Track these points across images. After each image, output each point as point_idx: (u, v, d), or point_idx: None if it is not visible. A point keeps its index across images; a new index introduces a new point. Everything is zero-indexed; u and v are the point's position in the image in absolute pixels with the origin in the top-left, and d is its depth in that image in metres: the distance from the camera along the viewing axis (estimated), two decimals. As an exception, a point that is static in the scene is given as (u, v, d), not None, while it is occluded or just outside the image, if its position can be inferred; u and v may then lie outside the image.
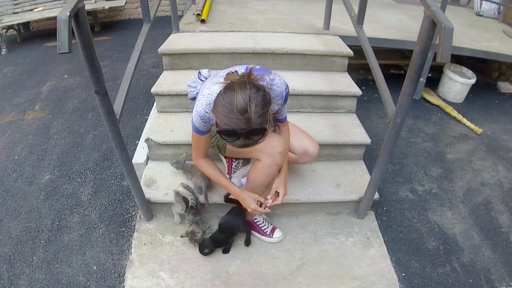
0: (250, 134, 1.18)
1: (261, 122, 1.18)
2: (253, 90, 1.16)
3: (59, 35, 0.99)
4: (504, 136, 2.98)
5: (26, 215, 2.08)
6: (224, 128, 1.19)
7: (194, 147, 1.60)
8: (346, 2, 2.43)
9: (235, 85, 1.18)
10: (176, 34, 2.71)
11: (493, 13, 4.31)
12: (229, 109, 1.15)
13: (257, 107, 1.15)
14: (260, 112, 1.16)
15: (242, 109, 1.13)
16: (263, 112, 1.17)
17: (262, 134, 1.22)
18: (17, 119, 3.01)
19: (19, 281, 1.72)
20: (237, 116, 1.14)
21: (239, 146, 1.24)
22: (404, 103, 1.44)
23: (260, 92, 1.18)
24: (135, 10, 5.68)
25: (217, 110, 1.20)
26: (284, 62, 2.49)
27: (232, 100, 1.14)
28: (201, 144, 1.57)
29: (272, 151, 1.55)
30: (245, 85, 1.17)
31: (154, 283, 1.65)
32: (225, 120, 1.17)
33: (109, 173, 2.37)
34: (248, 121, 1.15)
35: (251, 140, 1.21)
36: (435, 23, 1.17)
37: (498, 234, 2.08)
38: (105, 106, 1.36)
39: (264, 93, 1.19)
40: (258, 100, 1.16)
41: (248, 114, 1.14)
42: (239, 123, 1.15)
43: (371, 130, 2.54)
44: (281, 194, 1.59)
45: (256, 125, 1.17)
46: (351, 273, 1.74)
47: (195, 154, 1.61)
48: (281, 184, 1.61)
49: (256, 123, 1.16)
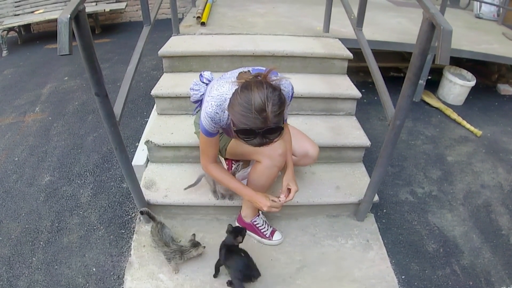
0: (267, 133, 1.19)
1: (278, 121, 1.19)
2: (270, 90, 1.17)
3: (60, 37, 0.99)
4: (504, 138, 2.99)
5: (25, 217, 2.08)
6: (242, 128, 1.19)
7: (202, 151, 1.58)
8: (346, 5, 2.44)
9: (252, 84, 1.19)
10: (176, 37, 2.72)
11: (493, 15, 4.33)
12: (247, 108, 1.15)
13: (274, 107, 1.16)
14: (277, 111, 1.17)
15: (260, 108, 1.14)
16: (279, 112, 1.18)
17: (279, 133, 1.22)
18: (18, 121, 3.02)
19: (18, 282, 1.72)
20: (255, 116, 1.14)
21: (255, 145, 1.24)
22: (404, 106, 1.44)
23: (276, 91, 1.19)
24: (136, 12, 5.71)
25: (233, 109, 1.20)
26: (284, 64, 2.50)
27: (249, 99, 1.15)
28: (210, 147, 1.55)
29: (272, 153, 1.55)
30: (262, 85, 1.18)
31: (153, 285, 1.65)
32: (243, 119, 1.17)
33: (109, 175, 2.37)
34: (266, 120, 1.16)
35: (268, 139, 1.22)
36: (434, 25, 1.18)
37: (498, 236, 2.08)
38: (105, 108, 1.36)
39: (280, 93, 1.20)
40: (275, 99, 1.16)
41: (265, 113, 1.14)
42: (257, 122, 1.16)
43: (370, 133, 2.54)
44: (293, 190, 1.57)
45: (273, 124, 1.17)
46: (350, 275, 1.74)
47: (204, 159, 1.60)
48: (291, 180, 1.59)
49: (273, 122, 1.17)
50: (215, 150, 1.58)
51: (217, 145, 1.58)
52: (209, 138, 1.50)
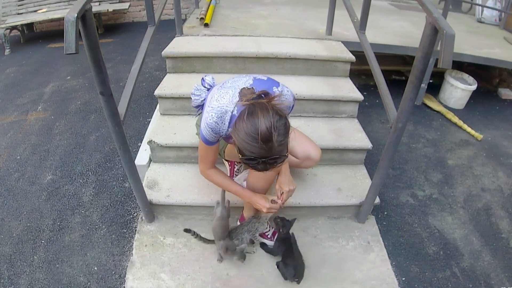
0: (271, 160, 1.20)
1: (282, 150, 1.19)
2: (276, 118, 1.16)
3: (67, 36, 1.00)
4: (504, 143, 2.99)
5: (27, 215, 2.09)
6: (247, 155, 1.20)
7: (202, 159, 1.59)
8: (349, 8, 2.45)
9: (257, 110, 1.17)
10: (179, 38, 2.74)
11: (494, 20, 4.34)
12: (253, 138, 1.15)
13: (279, 136, 1.16)
14: (282, 141, 1.17)
15: (266, 139, 1.14)
16: (284, 141, 1.19)
17: (282, 161, 1.23)
18: (20, 120, 3.03)
19: (20, 281, 1.73)
20: (261, 146, 1.15)
21: (259, 170, 1.25)
22: (406, 108, 1.45)
23: (282, 120, 1.18)
24: (139, 13, 5.72)
25: (239, 136, 1.19)
26: (287, 66, 2.51)
27: (256, 128, 1.14)
28: (210, 155, 1.57)
29: None
30: (268, 112, 1.16)
31: (155, 284, 1.66)
32: (248, 147, 1.17)
33: (111, 174, 2.38)
34: (270, 150, 1.16)
35: (272, 165, 1.22)
36: (437, 29, 1.19)
37: (498, 240, 2.08)
38: (110, 107, 1.37)
39: (286, 121, 1.20)
40: (281, 129, 1.16)
41: (271, 143, 1.15)
42: (262, 152, 1.16)
43: (372, 135, 2.55)
44: (285, 191, 1.57)
45: (277, 153, 1.18)
46: (351, 277, 1.74)
47: (203, 165, 1.61)
48: (283, 183, 1.59)
49: (277, 151, 1.18)
50: (214, 156, 1.59)
51: (216, 152, 1.59)
52: (209, 146, 1.51)
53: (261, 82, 1.42)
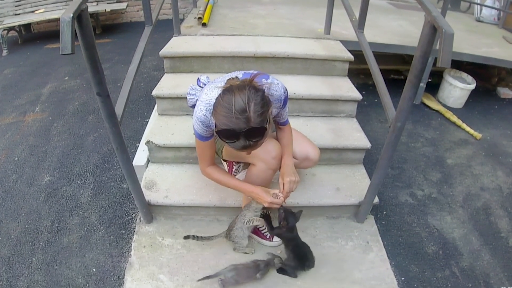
0: (250, 133, 1.18)
1: (261, 122, 1.18)
2: (252, 91, 1.17)
3: (62, 37, 0.99)
4: (503, 142, 2.99)
5: (25, 217, 2.08)
6: (223, 128, 1.19)
7: (200, 156, 1.59)
8: (347, 7, 2.44)
9: (234, 88, 1.19)
10: (177, 37, 2.73)
11: (493, 19, 4.34)
12: (228, 108, 1.15)
13: (256, 106, 1.16)
14: (259, 111, 1.16)
15: (241, 109, 1.14)
16: (262, 111, 1.18)
17: (262, 134, 1.22)
18: (18, 121, 3.02)
19: (18, 283, 1.72)
20: (236, 116, 1.14)
21: (239, 148, 1.23)
22: (405, 108, 1.45)
23: (259, 92, 1.19)
24: (136, 13, 5.71)
25: (216, 112, 1.21)
26: (285, 66, 2.50)
27: (230, 100, 1.16)
28: (207, 151, 1.56)
29: (266, 157, 1.55)
30: (244, 87, 1.18)
31: (154, 285, 1.65)
32: (224, 120, 1.17)
33: (109, 175, 2.37)
34: (248, 120, 1.15)
35: (251, 141, 1.21)
36: (436, 28, 1.18)
37: (497, 239, 2.08)
38: (107, 108, 1.36)
39: (263, 94, 1.20)
40: (257, 99, 1.17)
41: (247, 114, 1.15)
42: (238, 122, 1.15)
43: (371, 135, 2.54)
44: (286, 182, 1.52)
45: (256, 124, 1.17)
46: (350, 277, 1.74)
47: (202, 163, 1.61)
48: (285, 174, 1.55)
49: (255, 122, 1.16)
50: (211, 152, 1.58)
51: (213, 148, 1.59)
52: (203, 142, 1.50)
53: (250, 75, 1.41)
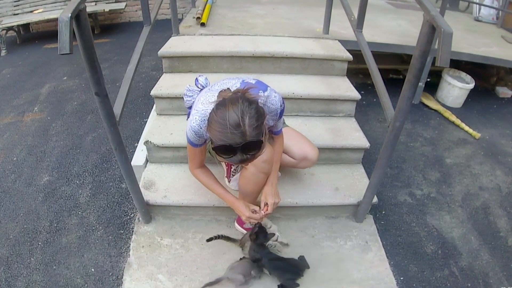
0: (247, 148, 1.16)
1: (257, 135, 1.16)
2: (246, 104, 1.15)
3: (60, 36, 0.99)
4: (502, 141, 3.00)
5: (24, 217, 2.07)
6: (220, 144, 1.16)
7: (190, 158, 1.60)
8: (346, 7, 2.44)
9: (226, 101, 1.17)
10: (176, 37, 2.72)
11: (492, 18, 4.35)
12: (222, 124, 1.13)
13: (251, 120, 1.13)
14: (254, 124, 1.14)
15: (235, 124, 1.12)
16: (257, 125, 1.15)
17: (259, 147, 1.20)
18: (16, 121, 3.01)
19: (17, 283, 1.71)
20: (231, 131, 1.12)
21: (237, 162, 1.22)
22: (403, 107, 1.44)
23: (252, 105, 1.16)
24: (135, 13, 5.71)
25: (211, 127, 1.18)
26: (284, 66, 2.50)
27: (224, 115, 1.13)
28: (197, 155, 1.58)
29: (256, 160, 1.54)
30: (237, 100, 1.15)
31: (153, 285, 1.65)
32: (220, 136, 1.15)
33: (107, 175, 2.37)
34: (243, 135, 1.13)
35: (248, 155, 1.19)
36: (435, 27, 1.18)
37: (496, 238, 2.08)
38: (105, 108, 1.36)
39: (257, 106, 1.18)
40: (251, 112, 1.14)
41: (242, 128, 1.12)
42: (234, 137, 1.13)
43: (370, 134, 2.54)
44: (270, 204, 1.58)
45: (252, 138, 1.15)
46: (349, 277, 1.73)
47: (191, 164, 1.63)
48: (269, 194, 1.60)
49: (251, 135, 1.14)
50: (201, 157, 1.59)
51: (203, 153, 1.59)
52: (194, 148, 1.51)
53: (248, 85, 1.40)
